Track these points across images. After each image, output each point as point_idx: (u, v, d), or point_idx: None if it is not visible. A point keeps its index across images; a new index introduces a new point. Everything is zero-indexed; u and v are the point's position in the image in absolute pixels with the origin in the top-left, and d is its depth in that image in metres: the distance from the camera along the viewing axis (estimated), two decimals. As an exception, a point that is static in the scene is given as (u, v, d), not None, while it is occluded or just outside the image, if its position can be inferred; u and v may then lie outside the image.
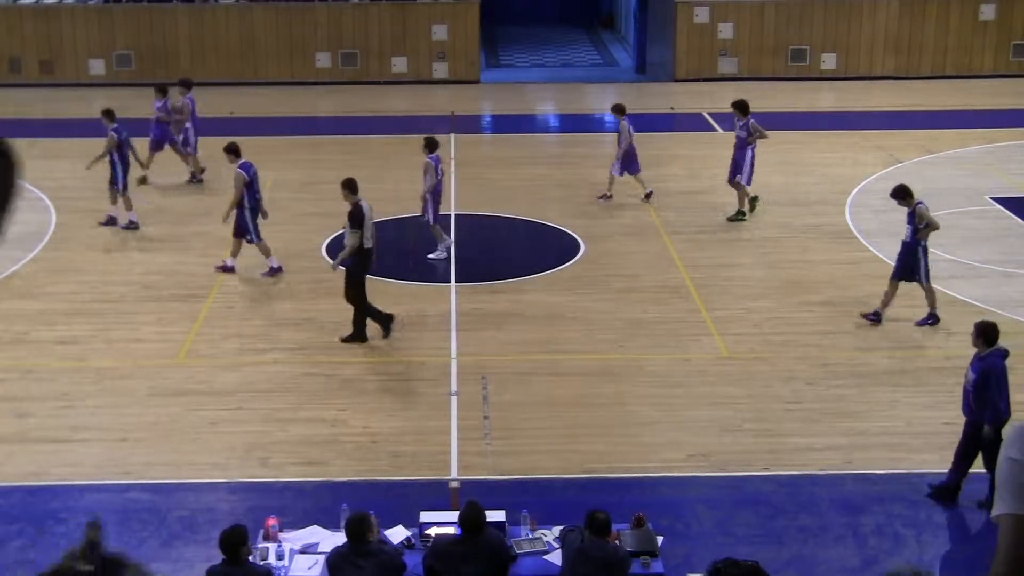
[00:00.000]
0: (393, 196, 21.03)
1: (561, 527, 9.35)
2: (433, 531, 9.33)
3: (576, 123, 27.44)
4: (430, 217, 17.59)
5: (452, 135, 25.41)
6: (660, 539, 9.44)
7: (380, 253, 18.70)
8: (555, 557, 9.17)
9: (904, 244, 15.19)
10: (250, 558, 8.84)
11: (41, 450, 12.46)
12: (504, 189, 21.45)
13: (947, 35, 30.56)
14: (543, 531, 9.49)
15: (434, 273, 17.40)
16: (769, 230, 19.04)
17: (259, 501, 11.43)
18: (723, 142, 25.05)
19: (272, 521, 9.55)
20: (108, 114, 19.39)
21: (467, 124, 26.95)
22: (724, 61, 30.67)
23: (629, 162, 20.38)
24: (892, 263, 17.44)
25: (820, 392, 13.61)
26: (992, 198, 20.57)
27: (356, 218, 14.68)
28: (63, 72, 30.10)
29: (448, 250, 17.82)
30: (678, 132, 26.47)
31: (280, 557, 9.20)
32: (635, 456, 12.29)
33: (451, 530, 9.13)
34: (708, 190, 21.26)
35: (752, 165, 19.58)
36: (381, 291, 16.62)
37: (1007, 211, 19.89)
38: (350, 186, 14.93)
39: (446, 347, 14.85)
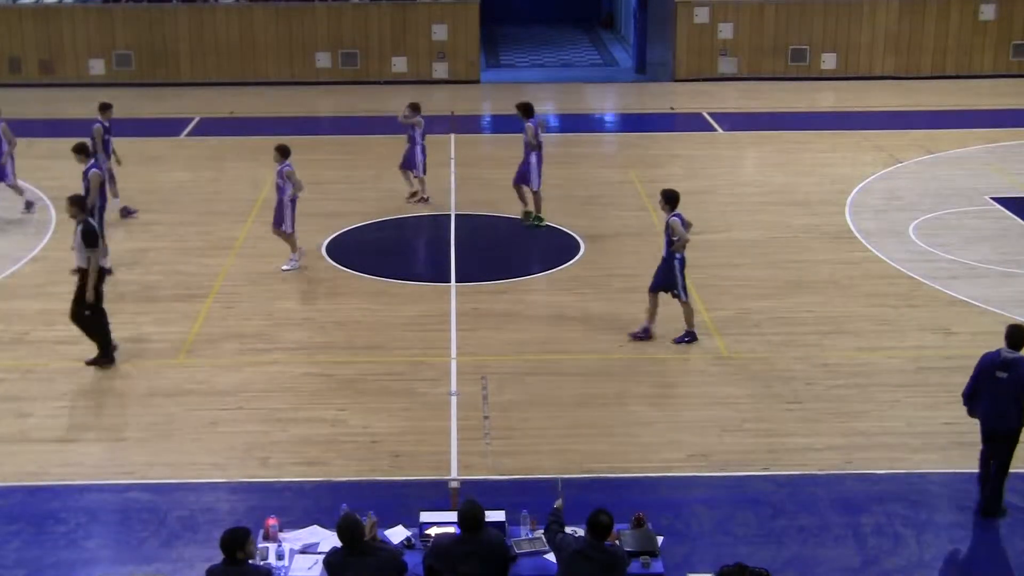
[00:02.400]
0: (394, 196, 21.04)
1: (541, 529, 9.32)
2: (433, 531, 9.32)
3: (576, 123, 27.44)
4: (288, 226, 17.09)
5: (452, 135, 25.42)
6: (660, 539, 9.43)
7: (380, 253, 18.75)
8: (555, 557, 9.16)
9: (662, 258, 14.89)
10: (257, 559, 8.84)
11: (41, 450, 12.46)
12: (504, 189, 21.43)
13: (947, 35, 30.57)
14: (543, 531, 9.47)
15: (434, 273, 17.40)
16: (769, 230, 19.05)
17: (259, 501, 11.43)
18: (723, 142, 25.10)
19: (272, 521, 9.54)
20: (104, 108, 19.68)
21: (467, 124, 26.96)
22: (724, 61, 30.68)
23: (411, 160, 20.10)
24: (892, 263, 17.51)
25: (820, 392, 13.61)
26: (992, 198, 20.58)
27: (90, 237, 14.02)
28: (63, 72, 30.10)
29: (299, 260, 17.31)
30: (678, 132, 26.47)
31: (280, 557, 9.20)
32: (635, 456, 12.29)
33: (451, 530, 9.13)
34: (708, 190, 21.26)
35: (539, 170, 19.24)
36: (382, 291, 16.64)
37: (1007, 211, 19.89)
38: (79, 203, 14.27)
39: (446, 347, 14.85)
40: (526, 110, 19.48)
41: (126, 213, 19.84)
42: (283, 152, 17.28)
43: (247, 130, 25.67)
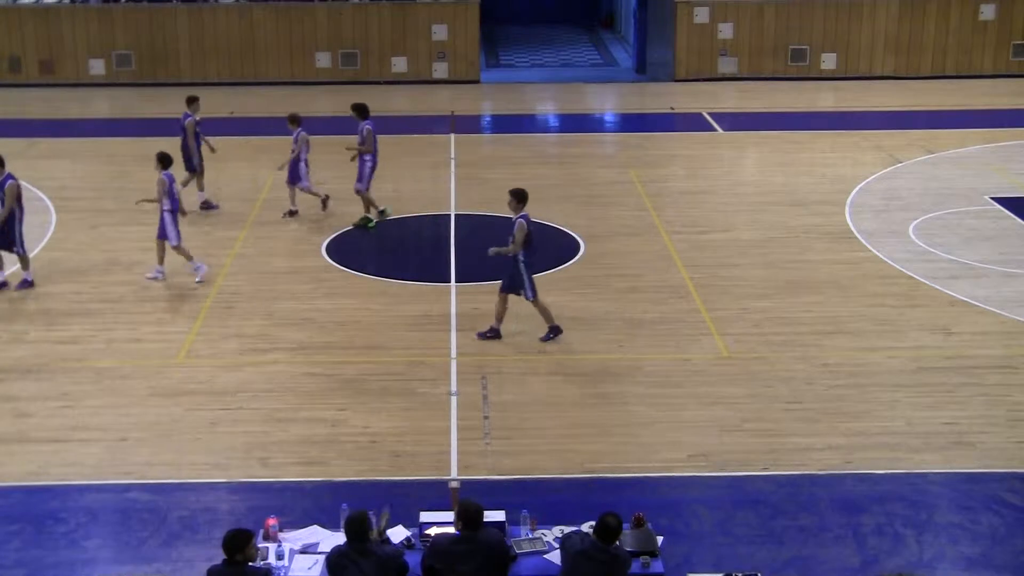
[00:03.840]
0: (394, 196, 21.04)
1: (562, 529, 9.34)
2: (433, 531, 9.33)
3: (576, 123, 27.45)
4: (174, 238, 16.80)
5: (452, 135, 25.42)
6: (660, 539, 9.43)
7: (380, 253, 18.76)
8: (555, 557, 9.17)
9: (509, 259, 14.83)
10: (257, 560, 8.84)
11: (41, 450, 12.46)
12: (504, 189, 21.35)
13: (947, 35, 30.57)
14: (543, 531, 9.48)
15: (434, 273, 17.40)
16: (769, 230, 19.05)
17: (259, 501, 11.43)
18: (723, 142, 25.10)
19: (272, 521, 9.55)
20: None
21: (467, 124, 26.96)
22: (724, 61, 30.68)
23: (294, 173, 19.48)
24: (892, 263, 17.51)
25: (820, 392, 13.61)
26: (992, 198, 20.58)
27: None
28: (63, 72, 30.10)
29: (162, 274, 17.04)
30: (678, 132, 26.48)
31: (280, 557, 9.20)
32: (635, 456, 12.29)
33: (451, 530, 9.13)
34: (708, 190, 21.26)
35: (371, 172, 19.12)
36: (382, 291, 16.65)
37: (1007, 211, 19.89)
38: None
39: (446, 347, 14.85)
40: (361, 111, 19.16)
41: (207, 207, 20.02)
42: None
43: (247, 130, 25.68)
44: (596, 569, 8.59)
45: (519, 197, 14.71)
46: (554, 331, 14.93)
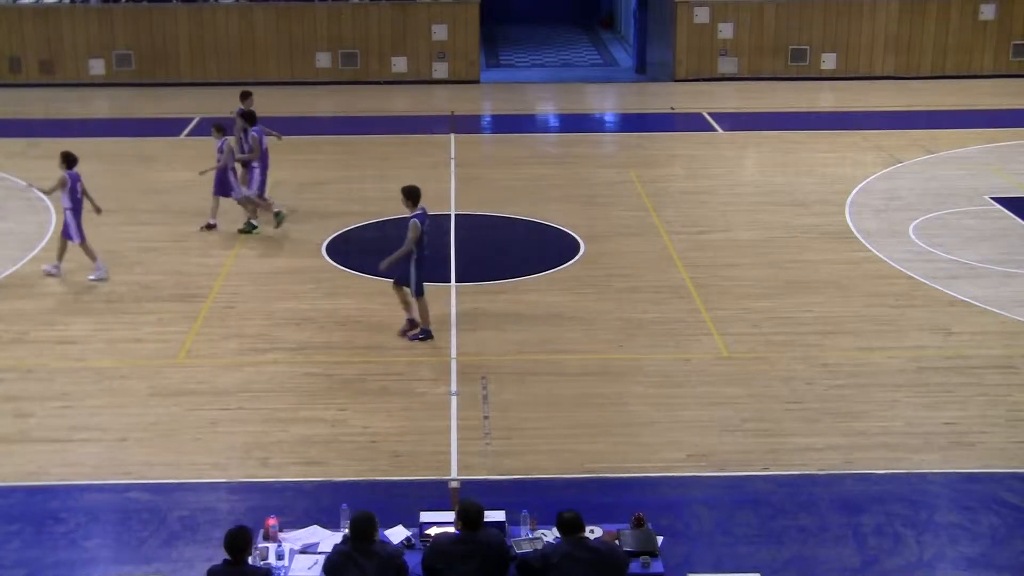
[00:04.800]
0: (393, 196, 21.01)
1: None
2: (433, 531, 9.33)
3: (576, 123, 27.45)
4: (76, 236, 16.82)
5: (452, 135, 25.43)
6: (660, 539, 9.42)
7: (381, 253, 18.70)
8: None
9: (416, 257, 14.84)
10: (249, 559, 8.83)
11: (41, 450, 12.46)
12: (504, 189, 21.46)
13: (947, 35, 30.57)
14: (543, 531, 9.47)
15: (434, 273, 17.38)
16: (769, 230, 19.05)
17: (259, 501, 11.43)
18: (723, 142, 25.10)
19: (272, 521, 9.54)
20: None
21: (467, 124, 26.97)
22: (724, 61, 30.68)
23: (222, 185, 18.98)
24: (892, 263, 17.51)
25: (820, 392, 13.61)
26: (992, 198, 20.58)
27: None
28: (63, 72, 30.10)
29: (58, 270, 17.06)
30: (678, 132, 26.48)
31: (280, 557, 9.19)
32: (635, 456, 12.29)
33: (451, 530, 9.13)
34: (708, 190, 21.26)
35: (263, 178, 19.02)
36: (382, 291, 16.63)
37: (1007, 211, 19.89)
38: None
39: (446, 347, 14.85)
40: (249, 118, 19.16)
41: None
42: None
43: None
44: (585, 569, 8.56)
45: (410, 195, 14.70)
46: (425, 333, 14.94)
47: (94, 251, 16.96)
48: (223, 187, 18.99)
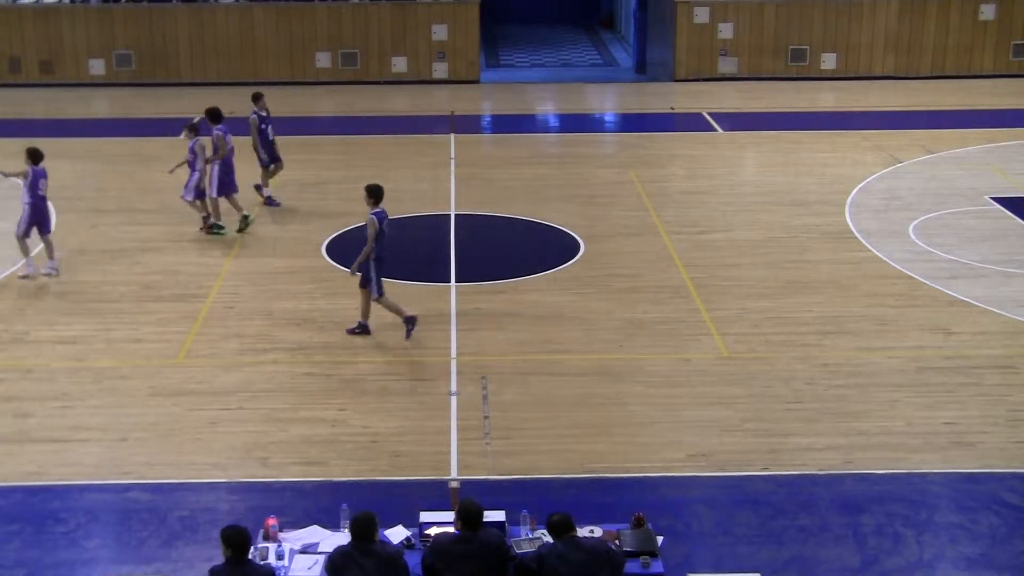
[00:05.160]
0: (394, 196, 21.02)
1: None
2: (433, 531, 9.33)
3: (576, 123, 27.46)
4: (20, 228, 16.89)
5: (452, 135, 25.43)
6: (660, 539, 9.42)
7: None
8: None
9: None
10: (256, 558, 8.83)
11: (41, 450, 12.46)
12: (504, 189, 21.46)
13: (947, 35, 30.58)
14: (543, 531, 9.47)
15: (434, 273, 17.40)
16: (769, 230, 19.05)
17: (259, 501, 11.43)
18: (723, 142, 25.10)
19: (272, 521, 9.54)
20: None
21: (467, 124, 26.97)
22: (724, 61, 30.69)
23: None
24: (892, 263, 17.51)
25: (820, 392, 13.61)
26: (992, 198, 20.58)
27: None
28: (63, 72, 30.11)
29: (55, 269, 17.16)
30: (678, 132, 26.48)
31: (280, 557, 9.19)
32: (635, 456, 12.29)
33: (451, 530, 9.13)
34: (708, 190, 21.27)
35: (219, 177, 18.82)
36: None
37: (1007, 211, 19.90)
38: None
39: (446, 347, 14.85)
40: (214, 116, 19.01)
41: (270, 203, 20.30)
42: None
43: (247, 130, 25.63)
44: (576, 570, 8.56)
45: (373, 193, 14.81)
46: (409, 321, 14.95)
47: (29, 248, 17.06)
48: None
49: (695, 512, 11.23)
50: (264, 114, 20.36)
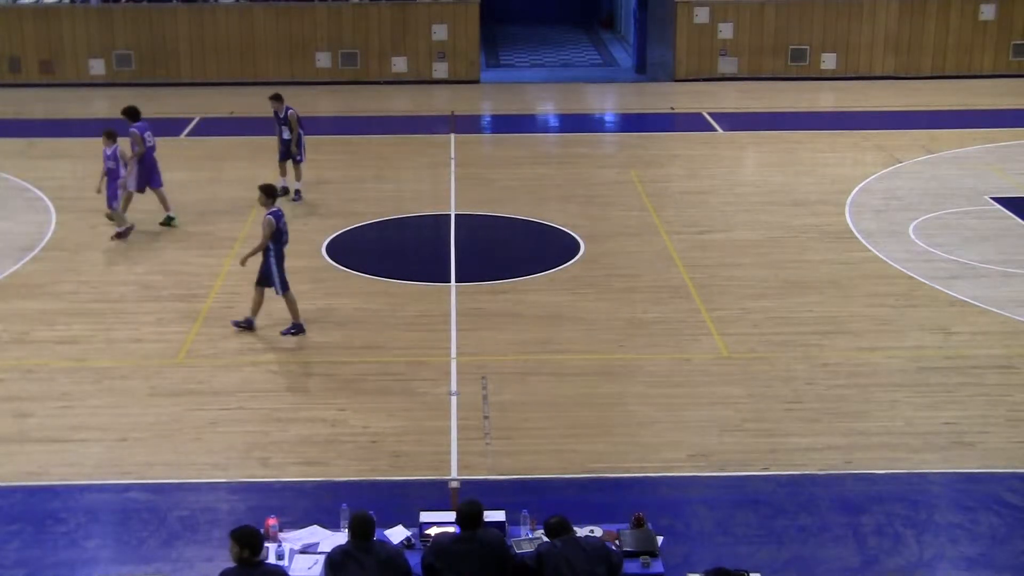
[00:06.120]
0: (394, 196, 21.06)
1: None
2: (433, 531, 9.33)
3: (576, 123, 27.45)
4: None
5: (452, 135, 25.43)
6: (660, 539, 9.43)
7: (380, 253, 18.77)
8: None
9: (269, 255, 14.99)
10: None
11: (41, 450, 12.46)
12: (504, 189, 21.46)
13: (947, 35, 30.57)
14: (543, 531, 9.47)
15: (434, 273, 17.39)
16: (769, 230, 19.05)
17: (259, 501, 11.43)
18: (723, 142, 25.10)
19: (272, 521, 9.54)
20: None
21: (467, 124, 26.97)
22: (724, 61, 30.68)
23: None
24: (892, 263, 17.51)
25: (820, 392, 13.62)
26: (992, 198, 20.58)
27: None
28: (63, 72, 30.09)
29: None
30: (678, 132, 26.48)
31: (280, 557, 9.19)
32: (635, 456, 12.29)
33: (451, 530, 9.13)
34: (708, 190, 21.26)
35: (138, 173, 18.94)
36: (382, 291, 16.65)
37: (1007, 211, 19.90)
38: None
39: (446, 347, 14.85)
40: (132, 114, 19.16)
41: (297, 197, 20.61)
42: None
43: (247, 130, 25.65)
44: (580, 568, 8.57)
45: (266, 192, 15.00)
46: (296, 328, 15.05)
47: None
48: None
49: (695, 512, 11.23)
50: (283, 115, 20.50)
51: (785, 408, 13.25)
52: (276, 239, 14.89)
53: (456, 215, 19.97)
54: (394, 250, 18.86)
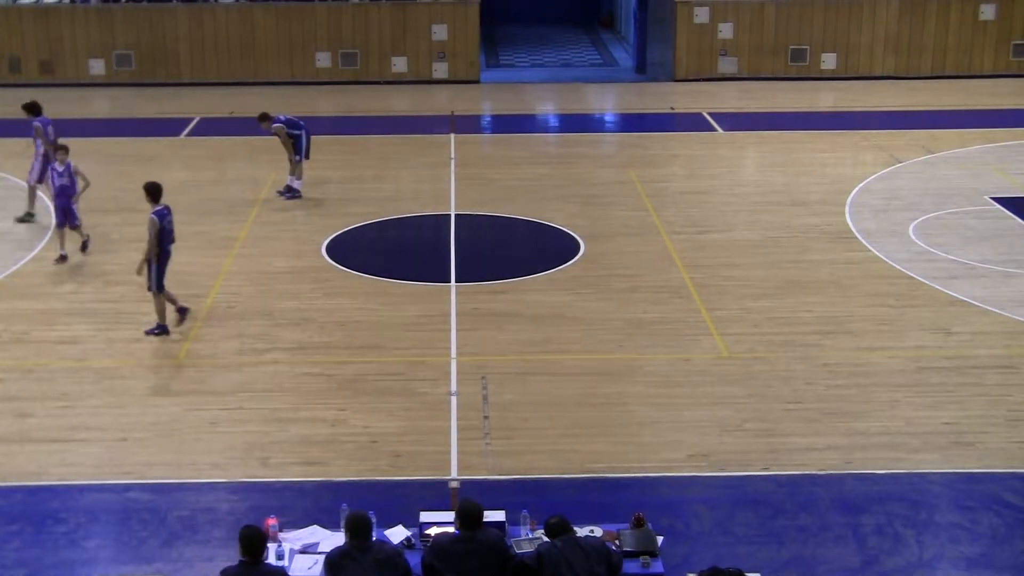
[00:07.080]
0: (394, 196, 21.06)
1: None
2: (433, 531, 9.33)
3: (576, 123, 27.45)
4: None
5: (452, 135, 25.43)
6: (660, 539, 9.43)
7: (380, 253, 18.76)
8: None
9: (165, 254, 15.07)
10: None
11: (41, 450, 12.46)
12: (504, 189, 21.46)
13: (947, 35, 30.57)
14: (543, 531, 9.47)
15: (434, 273, 17.40)
16: (769, 230, 19.05)
17: (259, 501, 11.43)
18: (723, 142, 25.10)
19: (272, 521, 9.54)
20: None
21: (467, 124, 26.97)
22: (724, 61, 30.68)
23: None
24: (892, 263, 17.51)
25: (820, 392, 13.62)
26: (992, 198, 20.58)
27: None
28: (63, 72, 30.09)
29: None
30: (678, 132, 26.48)
31: (280, 557, 9.19)
32: (635, 456, 12.29)
33: (451, 530, 9.13)
34: (708, 190, 21.27)
35: (39, 168, 19.27)
36: (382, 291, 16.65)
37: (1007, 211, 19.90)
38: None
39: (446, 347, 14.85)
40: (33, 109, 19.54)
41: (289, 194, 20.75)
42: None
43: (247, 130, 25.63)
44: (579, 567, 8.57)
45: (150, 192, 15.02)
46: (161, 328, 15.05)
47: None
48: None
49: (695, 512, 11.23)
50: (286, 119, 20.85)
51: (785, 408, 13.25)
52: (162, 238, 14.87)
53: (456, 215, 19.98)
54: (394, 250, 18.86)
